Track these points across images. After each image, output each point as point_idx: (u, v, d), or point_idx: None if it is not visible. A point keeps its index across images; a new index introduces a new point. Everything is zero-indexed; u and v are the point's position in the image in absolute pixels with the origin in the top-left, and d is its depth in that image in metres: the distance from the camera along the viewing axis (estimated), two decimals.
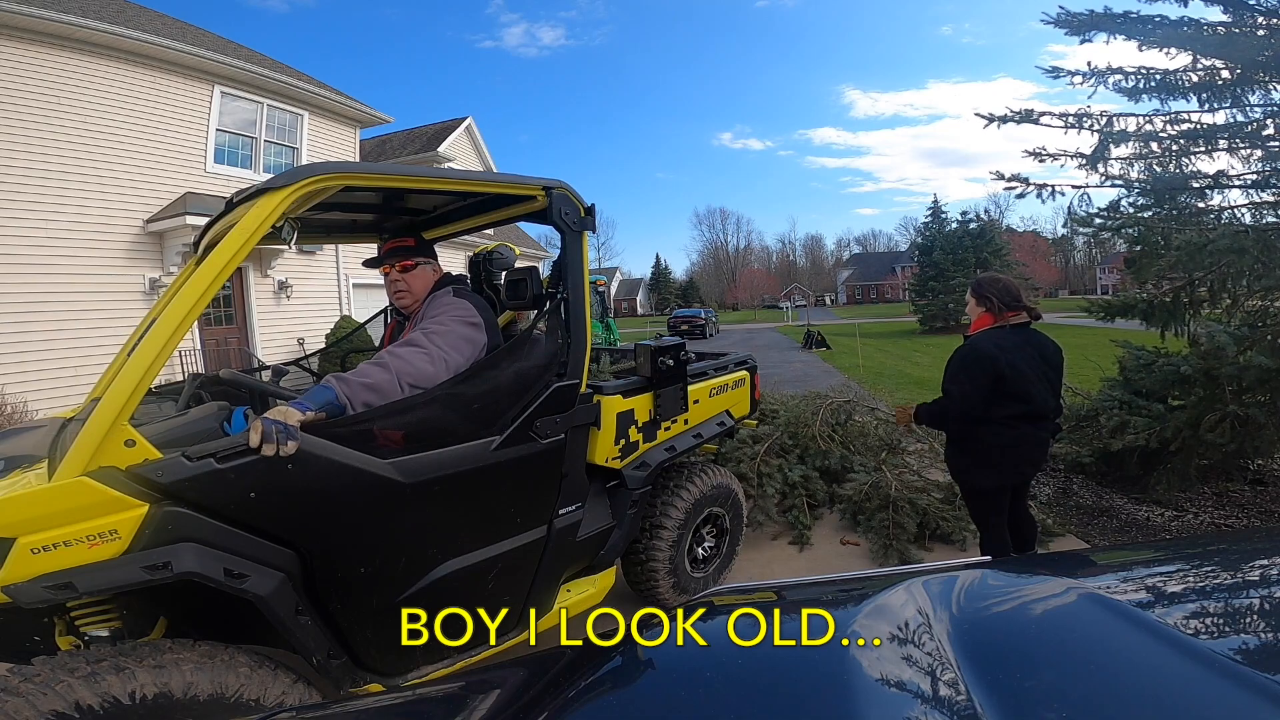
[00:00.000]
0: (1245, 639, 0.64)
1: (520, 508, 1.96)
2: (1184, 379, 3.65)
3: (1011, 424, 2.37)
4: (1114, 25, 3.94)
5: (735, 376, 2.91)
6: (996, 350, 2.32)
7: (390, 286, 2.16)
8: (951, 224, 28.64)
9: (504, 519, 1.92)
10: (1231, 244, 3.33)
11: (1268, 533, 1.89)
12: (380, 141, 16.42)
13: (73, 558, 1.22)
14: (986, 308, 2.46)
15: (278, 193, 1.43)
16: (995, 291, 2.44)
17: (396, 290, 2.15)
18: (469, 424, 1.77)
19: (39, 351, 7.42)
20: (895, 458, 4.13)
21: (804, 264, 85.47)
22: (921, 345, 19.08)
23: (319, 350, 3.46)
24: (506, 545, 1.91)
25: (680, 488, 2.59)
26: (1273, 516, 3.70)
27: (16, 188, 7.33)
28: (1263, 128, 3.87)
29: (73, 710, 1.16)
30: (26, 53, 7.39)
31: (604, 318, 11.65)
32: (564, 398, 1.97)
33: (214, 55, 9.06)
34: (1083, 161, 4.26)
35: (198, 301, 1.37)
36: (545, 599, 2.13)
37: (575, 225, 2.03)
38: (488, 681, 0.82)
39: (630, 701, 0.66)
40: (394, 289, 2.15)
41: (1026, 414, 2.36)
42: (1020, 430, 2.38)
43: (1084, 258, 62.04)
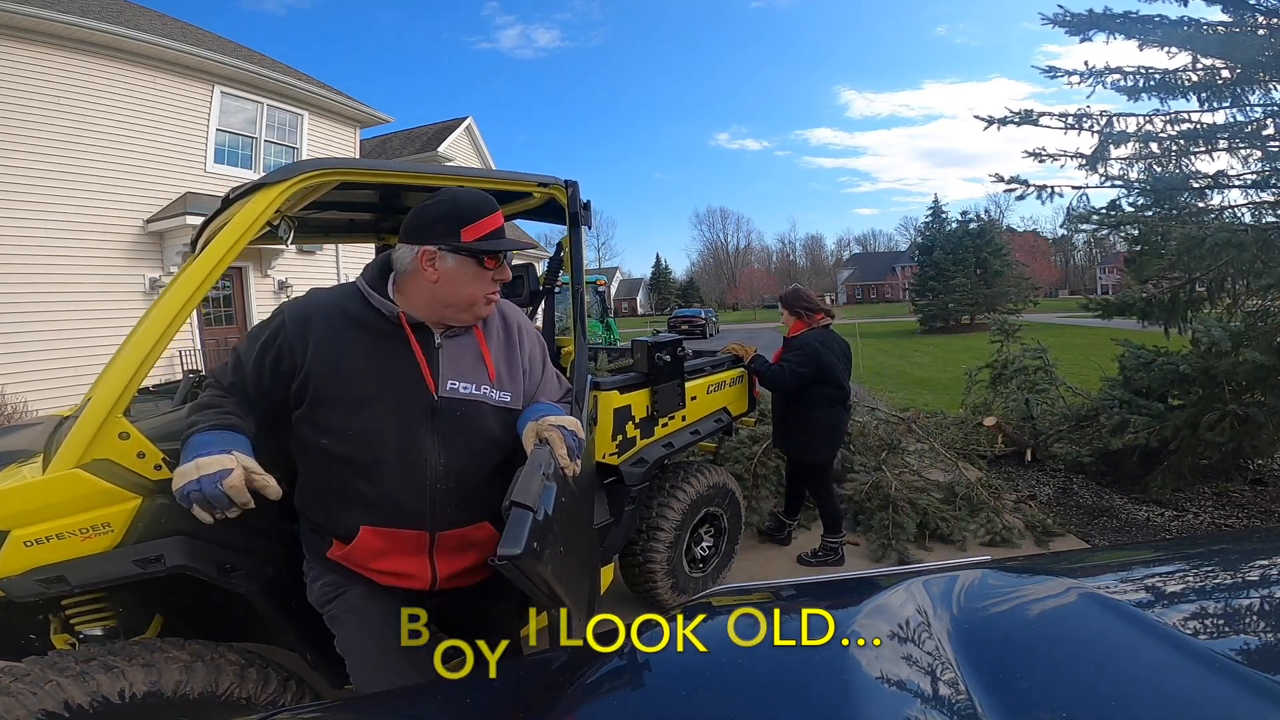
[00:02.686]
0: (1245, 639, 0.64)
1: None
2: (1183, 378, 3.65)
3: (830, 406, 3.01)
4: (1114, 25, 3.94)
5: (733, 374, 2.91)
6: (821, 346, 2.96)
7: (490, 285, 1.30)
8: (952, 224, 28.67)
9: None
10: (1230, 239, 3.33)
11: (1268, 533, 1.89)
12: (380, 141, 16.42)
13: (65, 551, 1.21)
14: (798, 316, 3.09)
15: (273, 188, 1.42)
16: (801, 302, 3.10)
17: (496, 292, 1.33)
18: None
19: (39, 351, 7.41)
20: (895, 458, 4.13)
21: (804, 264, 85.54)
22: (921, 345, 19.09)
23: None
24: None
25: (677, 488, 2.59)
26: (1273, 516, 3.70)
27: (16, 187, 7.33)
28: (1262, 128, 3.87)
29: (62, 710, 1.15)
30: (26, 53, 7.39)
31: (604, 318, 11.64)
32: None
33: (214, 55, 9.06)
34: (1082, 162, 4.27)
35: (192, 295, 1.36)
36: None
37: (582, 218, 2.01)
38: (487, 681, 0.81)
39: (629, 702, 0.65)
40: (494, 290, 1.31)
41: (840, 399, 3.04)
42: (837, 412, 3.05)
43: (1084, 258, 62.11)
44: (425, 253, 1.21)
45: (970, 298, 24.44)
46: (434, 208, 1.23)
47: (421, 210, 1.23)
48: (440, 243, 1.21)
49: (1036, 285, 31.24)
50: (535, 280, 2.20)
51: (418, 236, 1.22)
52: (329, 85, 11.37)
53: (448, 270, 1.22)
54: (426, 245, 1.21)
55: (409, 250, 1.22)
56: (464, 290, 1.24)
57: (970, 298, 24.44)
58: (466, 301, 1.26)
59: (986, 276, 25.05)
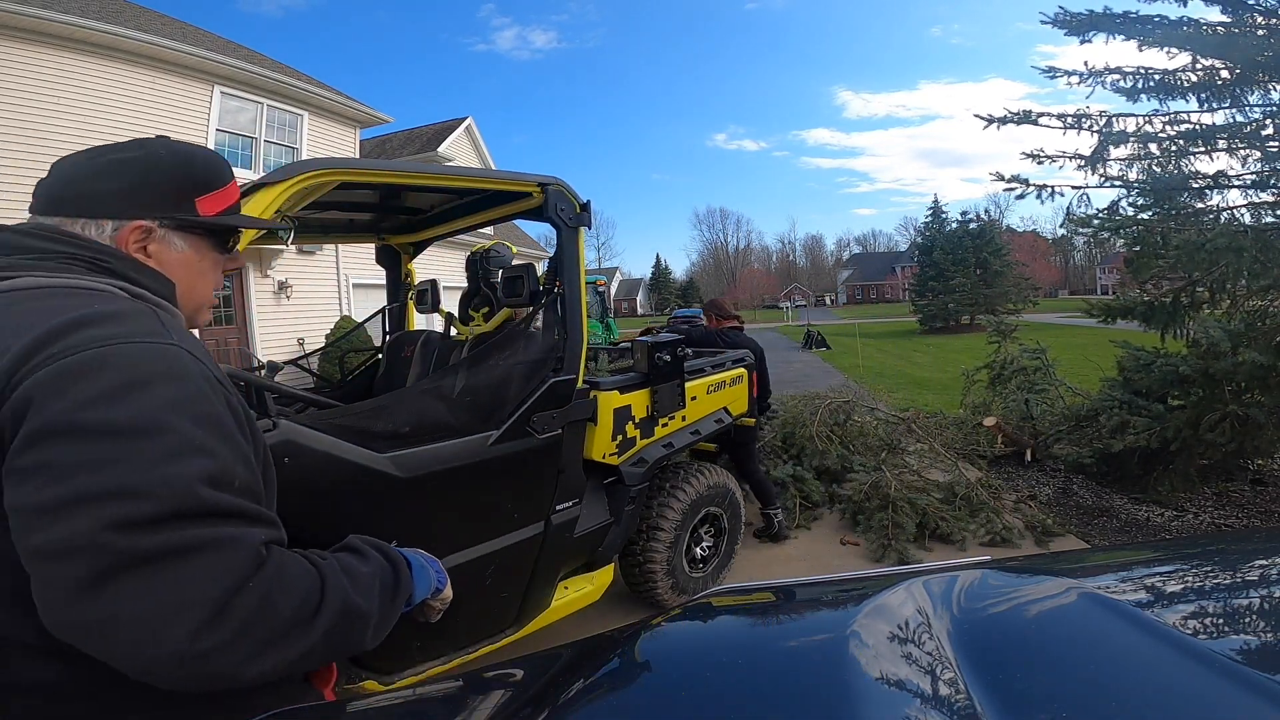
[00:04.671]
0: (1245, 639, 0.64)
1: (517, 503, 1.95)
2: (1183, 379, 3.65)
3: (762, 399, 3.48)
4: (1113, 25, 3.94)
5: (733, 374, 2.91)
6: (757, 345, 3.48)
7: (220, 281, 1.12)
8: (951, 224, 28.66)
9: (501, 514, 1.92)
10: (1230, 243, 3.33)
11: (1268, 533, 1.89)
12: (380, 142, 16.43)
13: None
14: (712, 320, 3.78)
15: (273, 188, 1.42)
16: (716, 310, 3.83)
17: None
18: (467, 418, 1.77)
19: None
20: (895, 458, 4.13)
21: (804, 264, 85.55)
22: (921, 345, 19.08)
23: (318, 350, 3.46)
24: (504, 541, 1.91)
25: (677, 488, 2.59)
26: (1273, 516, 3.70)
27: (16, 188, 7.32)
28: (1262, 128, 3.87)
29: None
30: (26, 53, 7.39)
31: (604, 318, 11.63)
32: (560, 393, 1.97)
33: (214, 55, 9.06)
34: (1082, 162, 4.27)
35: None
36: (543, 596, 2.12)
37: (571, 221, 2.03)
38: (487, 681, 0.81)
39: (629, 702, 0.65)
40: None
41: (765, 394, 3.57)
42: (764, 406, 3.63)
43: (1084, 258, 62.14)
44: (138, 229, 0.76)
45: (970, 298, 24.43)
46: (152, 163, 0.78)
47: (113, 166, 0.76)
48: (160, 215, 0.78)
49: (1036, 285, 31.24)
50: (535, 280, 2.19)
51: (126, 204, 0.75)
52: (329, 85, 11.37)
53: (174, 258, 0.80)
54: (140, 219, 0.76)
55: (99, 226, 0.75)
56: (198, 288, 0.84)
57: (970, 298, 24.43)
58: (195, 305, 0.85)
59: (986, 277, 25.05)
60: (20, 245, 0.71)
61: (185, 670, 0.57)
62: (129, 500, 0.56)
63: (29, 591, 0.57)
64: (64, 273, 0.69)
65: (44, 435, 0.57)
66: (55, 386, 0.58)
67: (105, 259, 0.73)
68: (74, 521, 0.55)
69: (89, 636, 0.56)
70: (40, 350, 0.60)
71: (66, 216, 0.74)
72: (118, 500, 0.56)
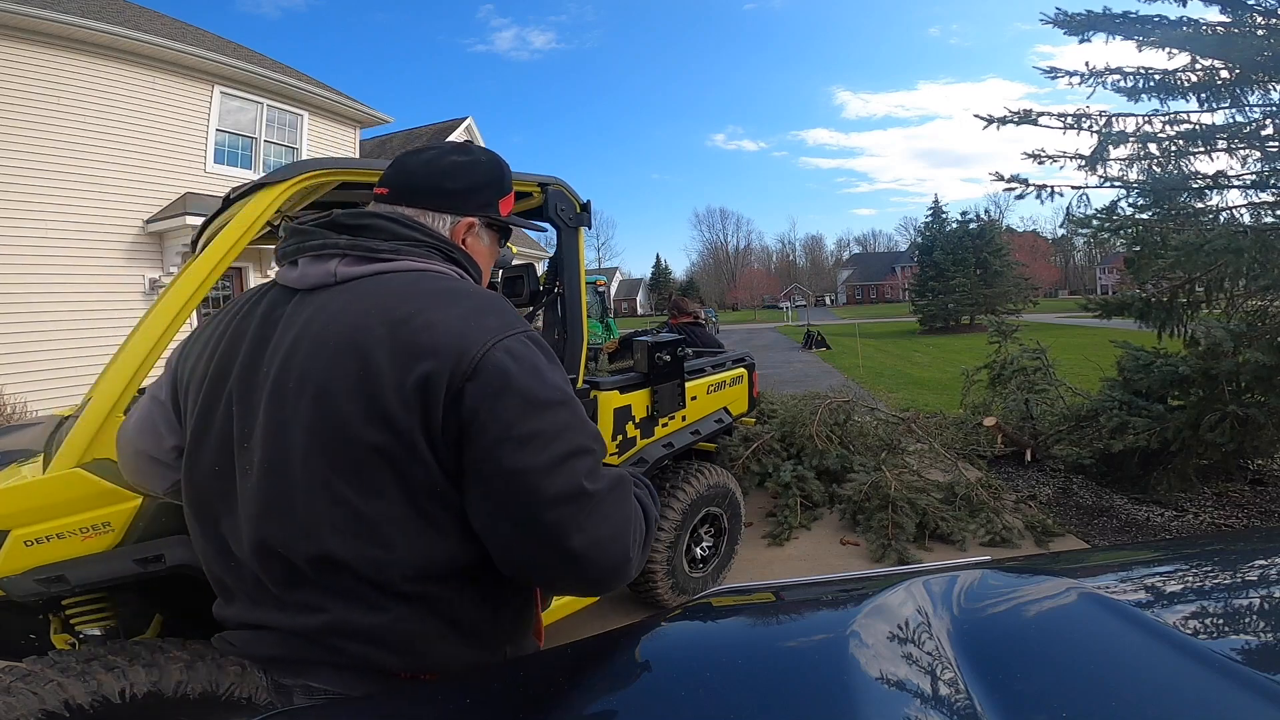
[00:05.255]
0: (1245, 639, 0.64)
1: None
2: (1183, 379, 3.65)
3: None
4: (1113, 25, 3.94)
5: (733, 374, 2.91)
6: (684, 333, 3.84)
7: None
8: (951, 224, 28.64)
9: None
10: (1229, 244, 3.33)
11: (1268, 533, 1.89)
12: (381, 142, 16.43)
13: (66, 550, 1.21)
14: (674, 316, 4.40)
15: (274, 188, 1.42)
16: (675, 308, 4.46)
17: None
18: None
19: (39, 351, 7.41)
20: (895, 458, 4.12)
21: (804, 264, 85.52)
22: (922, 345, 19.08)
23: None
24: None
25: (677, 488, 2.59)
26: (1273, 516, 3.70)
27: (16, 188, 7.32)
28: (1261, 128, 3.87)
29: (63, 709, 1.16)
30: (26, 53, 7.38)
31: (604, 318, 11.63)
32: None
33: (214, 55, 9.05)
34: (1082, 162, 4.27)
35: (193, 295, 1.37)
36: (543, 595, 2.12)
37: (571, 221, 2.03)
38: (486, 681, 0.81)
39: (629, 702, 0.65)
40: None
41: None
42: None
43: (1084, 258, 62.15)
44: (469, 224, 0.90)
45: (970, 298, 24.43)
46: (480, 168, 0.92)
47: (455, 168, 0.90)
48: (481, 213, 0.92)
49: (1036, 285, 31.25)
50: (535, 280, 2.20)
51: (462, 202, 0.90)
52: (329, 85, 11.37)
53: (482, 250, 0.94)
54: (471, 216, 0.90)
55: (444, 220, 0.89)
56: (485, 276, 0.98)
57: (970, 298, 24.43)
58: None
59: (986, 277, 25.04)
60: (396, 233, 0.85)
61: (629, 571, 0.77)
62: (588, 455, 0.75)
63: (423, 537, 0.73)
64: (427, 259, 0.84)
65: (531, 407, 0.72)
66: (507, 367, 0.72)
67: (450, 249, 0.87)
68: (571, 473, 0.72)
69: (575, 562, 0.72)
70: (481, 335, 0.73)
71: (421, 209, 0.88)
72: (581, 456, 0.74)
